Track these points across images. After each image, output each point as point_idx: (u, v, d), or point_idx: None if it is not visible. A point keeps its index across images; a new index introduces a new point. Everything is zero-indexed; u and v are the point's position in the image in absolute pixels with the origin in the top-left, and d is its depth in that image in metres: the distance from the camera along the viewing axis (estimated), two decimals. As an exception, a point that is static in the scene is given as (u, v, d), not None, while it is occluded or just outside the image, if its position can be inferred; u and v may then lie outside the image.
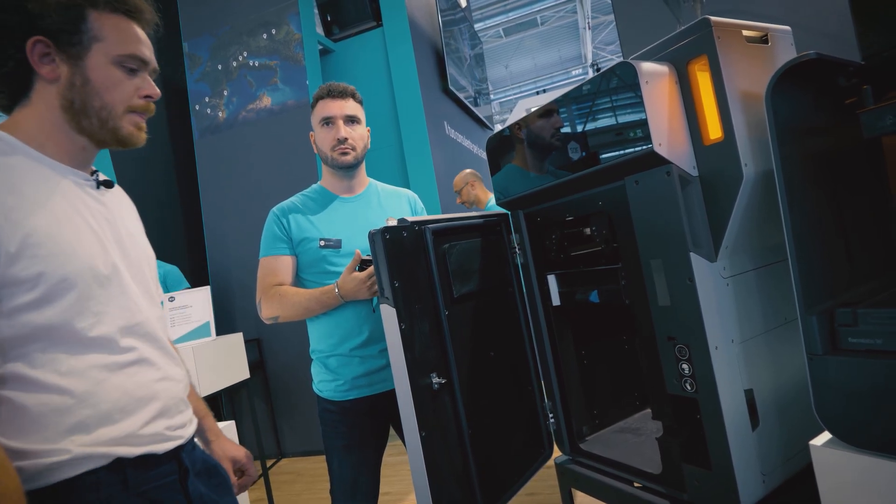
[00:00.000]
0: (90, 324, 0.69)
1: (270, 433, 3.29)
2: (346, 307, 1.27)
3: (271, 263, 1.29)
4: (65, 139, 0.73)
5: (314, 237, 1.29)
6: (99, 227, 0.74)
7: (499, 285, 1.27)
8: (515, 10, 10.71)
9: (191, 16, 3.53)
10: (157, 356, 0.79)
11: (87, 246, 0.70)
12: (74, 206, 0.72)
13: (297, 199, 1.36)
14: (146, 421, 0.73)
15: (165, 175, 3.52)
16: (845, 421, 0.69)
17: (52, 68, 0.70)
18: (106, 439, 0.68)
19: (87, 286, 0.69)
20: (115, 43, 0.72)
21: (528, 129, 1.13)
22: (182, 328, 2.40)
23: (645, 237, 0.91)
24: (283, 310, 1.25)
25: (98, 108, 0.72)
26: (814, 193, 0.75)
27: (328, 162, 1.34)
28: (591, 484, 1.15)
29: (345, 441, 1.27)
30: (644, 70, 0.83)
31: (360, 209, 1.36)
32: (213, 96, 3.47)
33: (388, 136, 3.54)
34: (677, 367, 0.90)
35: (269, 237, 1.30)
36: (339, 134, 1.30)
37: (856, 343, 0.68)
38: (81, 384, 0.68)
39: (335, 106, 1.31)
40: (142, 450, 0.72)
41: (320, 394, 1.32)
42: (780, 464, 0.90)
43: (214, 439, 0.97)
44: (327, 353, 1.29)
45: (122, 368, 0.72)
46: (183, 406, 0.83)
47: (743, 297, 0.89)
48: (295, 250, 1.30)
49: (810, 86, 0.75)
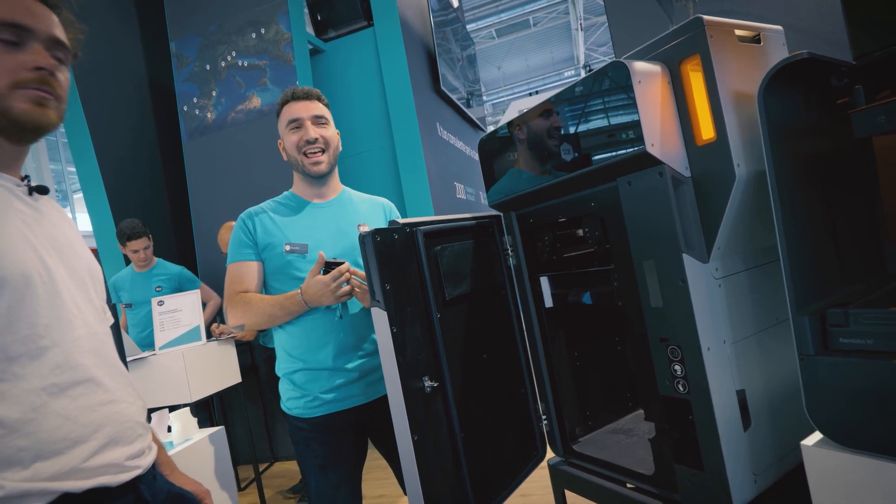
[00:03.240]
0: (23, 336, 0.62)
1: (263, 437, 3.25)
2: (311, 318, 1.21)
3: (238, 270, 1.24)
4: None
5: (279, 242, 1.24)
6: (31, 233, 0.67)
7: (491, 287, 1.27)
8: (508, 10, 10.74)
9: (178, 15, 3.49)
10: (105, 375, 0.71)
11: (17, 251, 0.63)
12: (3, 209, 0.64)
13: (268, 204, 1.31)
14: (95, 450, 0.65)
15: (153, 177, 3.47)
16: (836, 421, 0.69)
17: None
18: (47, 473, 0.61)
19: (19, 294, 0.62)
20: None
21: (521, 130, 1.12)
22: (172, 332, 2.36)
23: (637, 238, 0.91)
24: (248, 317, 1.21)
25: None
26: (806, 194, 0.75)
27: (299, 168, 1.28)
28: (584, 485, 1.14)
29: (320, 460, 1.22)
30: (636, 70, 0.83)
31: (330, 215, 1.31)
32: (201, 97, 3.43)
33: (379, 137, 3.52)
34: (669, 369, 0.89)
35: (236, 243, 1.26)
36: (309, 135, 1.24)
37: (847, 343, 0.69)
38: (14, 410, 0.60)
39: (301, 107, 1.26)
40: (91, 482, 0.64)
41: (289, 412, 1.25)
42: (772, 464, 0.90)
43: (169, 473, 0.86)
44: (293, 369, 1.24)
45: (64, 391, 0.64)
46: (140, 430, 0.74)
47: (735, 298, 0.89)
48: (261, 256, 1.25)
49: (802, 86, 0.75)
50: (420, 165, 3.41)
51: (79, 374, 0.67)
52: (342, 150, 1.38)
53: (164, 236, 3.35)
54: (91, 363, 0.69)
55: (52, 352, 0.65)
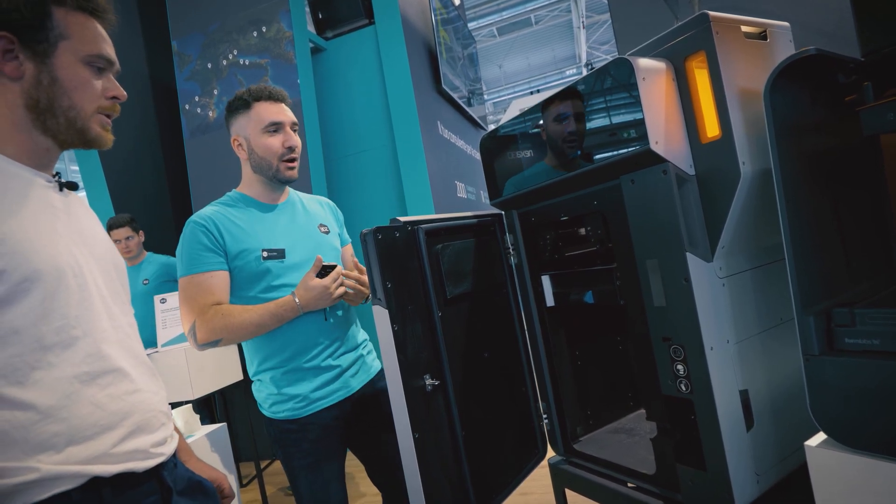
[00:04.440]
0: (57, 327, 0.65)
1: (265, 434, 3.25)
2: (299, 321, 1.17)
3: (205, 281, 1.12)
4: (26, 139, 0.70)
5: (254, 248, 1.16)
6: (63, 228, 0.71)
7: (493, 286, 1.26)
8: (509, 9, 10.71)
9: (179, 13, 3.48)
10: (132, 366, 0.74)
11: (51, 245, 0.67)
12: (37, 205, 0.68)
13: (219, 208, 1.22)
14: (122, 437, 0.69)
15: (155, 175, 3.47)
16: (841, 422, 0.68)
17: (15, 66, 0.67)
18: (79, 458, 0.64)
19: (53, 286, 0.65)
20: (81, 41, 0.70)
21: (523, 128, 1.12)
22: (173, 330, 2.37)
23: (640, 237, 0.90)
24: (228, 331, 1.10)
25: (66, 107, 0.70)
26: (812, 192, 0.74)
27: (267, 172, 1.22)
28: (584, 484, 1.14)
29: (310, 458, 1.20)
30: (641, 66, 0.82)
31: (291, 217, 1.27)
32: (202, 95, 3.43)
33: (380, 135, 3.52)
34: (672, 368, 0.89)
35: (198, 250, 1.13)
36: (292, 141, 1.21)
37: (853, 343, 0.68)
38: (48, 397, 0.63)
39: (279, 111, 1.21)
40: (119, 468, 0.67)
41: (274, 416, 1.21)
42: (775, 464, 0.90)
43: (187, 460, 0.90)
44: (280, 371, 1.19)
45: (94, 380, 0.68)
46: (163, 419, 0.78)
47: (739, 298, 0.88)
48: (230, 264, 1.16)
49: (809, 83, 0.74)
50: (421, 164, 3.40)
51: (106, 364, 0.70)
52: (343, 149, 1.38)
53: (165, 233, 3.35)
54: (117, 354, 0.72)
55: (82, 342, 0.67)
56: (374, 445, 1.29)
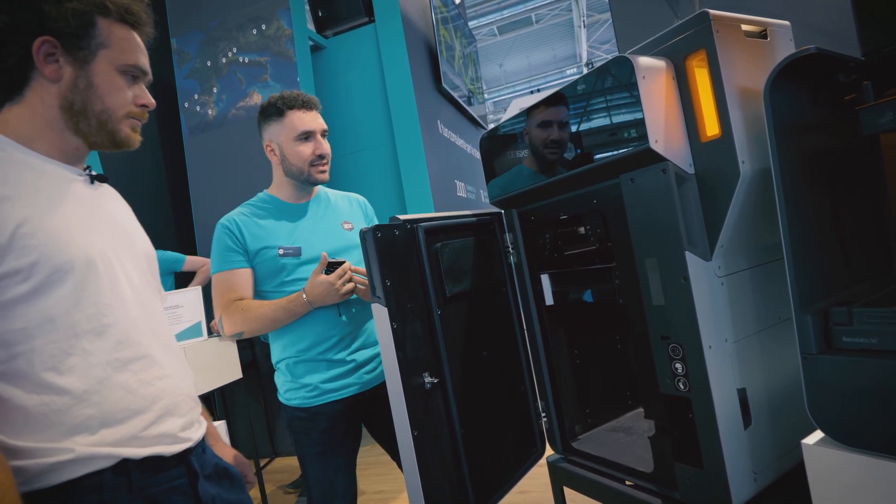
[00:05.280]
0: (89, 315, 0.68)
1: (264, 432, 3.26)
2: (312, 316, 1.23)
3: (229, 278, 1.23)
4: (58, 138, 0.73)
5: (272, 246, 1.25)
6: (94, 219, 0.74)
7: (492, 285, 1.26)
8: (509, 7, 10.69)
9: (178, 11, 3.48)
10: (161, 352, 0.77)
11: (82, 236, 0.70)
12: (67, 197, 0.72)
13: (246, 209, 1.31)
14: (152, 421, 0.72)
15: (155, 173, 3.47)
16: (838, 420, 0.68)
17: (55, 68, 0.71)
18: (111, 440, 0.67)
19: (84, 276, 0.68)
20: (120, 51, 0.75)
21: (523, 127, 1.12)
22: (173, 328, 2.37)
23: (639, 236, 0.90)
24: (248, 324, 1.21)
25: (98, 111, 0.74)
26: (811, 192, 0.74)
27: (300, 176, 1.29)
28: (583, 482, 1.14)
29: (318, 448, 1.25)
30: (641, 65, 0.82)
31: (314, 215, 1.33)
32: (202, 93, 3.42)
33: (380, 134, 3.51)
34: (670, 367, 0.89)
35: (223, 250, 1.24)
36: (323, 149, 1.29)
37: (851, 342, 0.68)
38: (83, 382, 0.66)
39: (311, 119, 1.28)
40: (148, 451, 0.70)
41: (288, 402, 1.28)
42: (772, 462, 0.90)
43: (213, 443, 0.94)
44: (295, 359, 1.26)
45: (125, 365, 0.71)
46: (191, 403, 0.81)
47: (737, 297, 0.88)
48: (252, 262, 1.25)
49: (809, 82, 0.74)
50: (421, 163, 3.40)
51: (137, 350, 0.73)
52: (342, 148, 1.39)
53: (165, 230, 3.35)
54: (146, 341, 0.75)
55: (113, 329, 0.71)
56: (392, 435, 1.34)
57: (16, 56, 0.69)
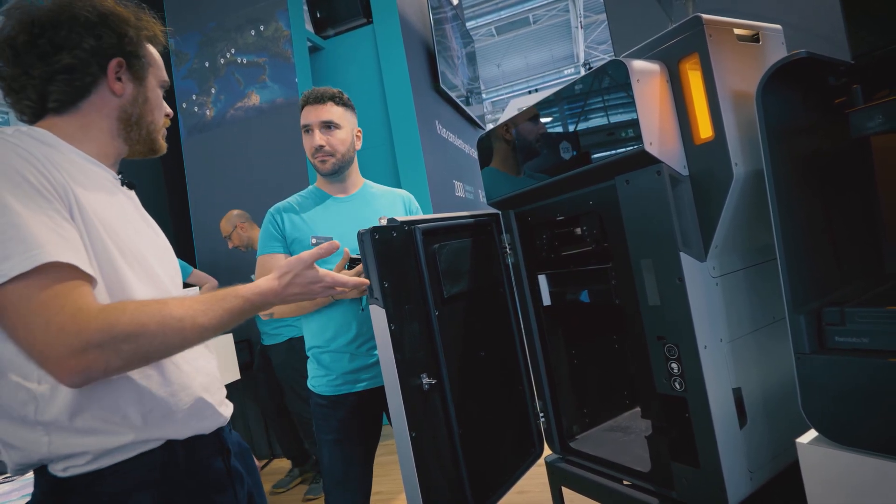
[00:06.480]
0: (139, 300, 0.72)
1: (262, 434, 3.26)
2: (337, 305, 1.29)
3: (266, 262, 1.31)
4: (108, 144, 0.80)
5: (306, 236, 1.31)
6: (132, 218, 0.82)
7: (489, 285, 1.27)
8: (507, 8, 10.71)
9: (177, 12, 3.47)
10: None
11: (128, 231, 0.77)
12: (113, 194, 0.79)
13: (294, 198, 1.39)
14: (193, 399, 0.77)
15: (153, 173, 3.46)
16: (832, 419, 0.69)
17: (120, 85, 0.79)
18: (163, 422, 0.72)
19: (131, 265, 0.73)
20: (158, 69, 0.85)
21: (520, 128, 1.12)
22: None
23: (635, 237, 0.91)
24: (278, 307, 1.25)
25: (149, 122, 0.84)
26: (803, 193, 0.75)
27: (315, 168, 1.38)
28: (580, 482, 1.15)
29: (335, 435, 1.30)
30: (635, 68, 0.83)
31: (353, 209, 1.38)
32: (200, 94, 3.42)
33: (378, 135, 3.52)
34: (666, 367, 0.90)
35: (266, 236, 1.33)
36: (315, 142, 1.32)
37: (843, 342, 0.69)
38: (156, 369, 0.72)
39: (310, 113, 1.33)
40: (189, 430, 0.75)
41: (314, 389, 1.34)
42: (768, 461, 0.91)
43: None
44: (321, 349, 1.32)
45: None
46: (219, 382, 0.86)
47: (732, 297, 0.89)
48: (289, 249, 1.32)
49: (801, 85, 0.75)
50: (419, 163, 3.41)
51: None
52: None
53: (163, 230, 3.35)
54: None
55: None
56: None
57: (93, 75, 0.76)
